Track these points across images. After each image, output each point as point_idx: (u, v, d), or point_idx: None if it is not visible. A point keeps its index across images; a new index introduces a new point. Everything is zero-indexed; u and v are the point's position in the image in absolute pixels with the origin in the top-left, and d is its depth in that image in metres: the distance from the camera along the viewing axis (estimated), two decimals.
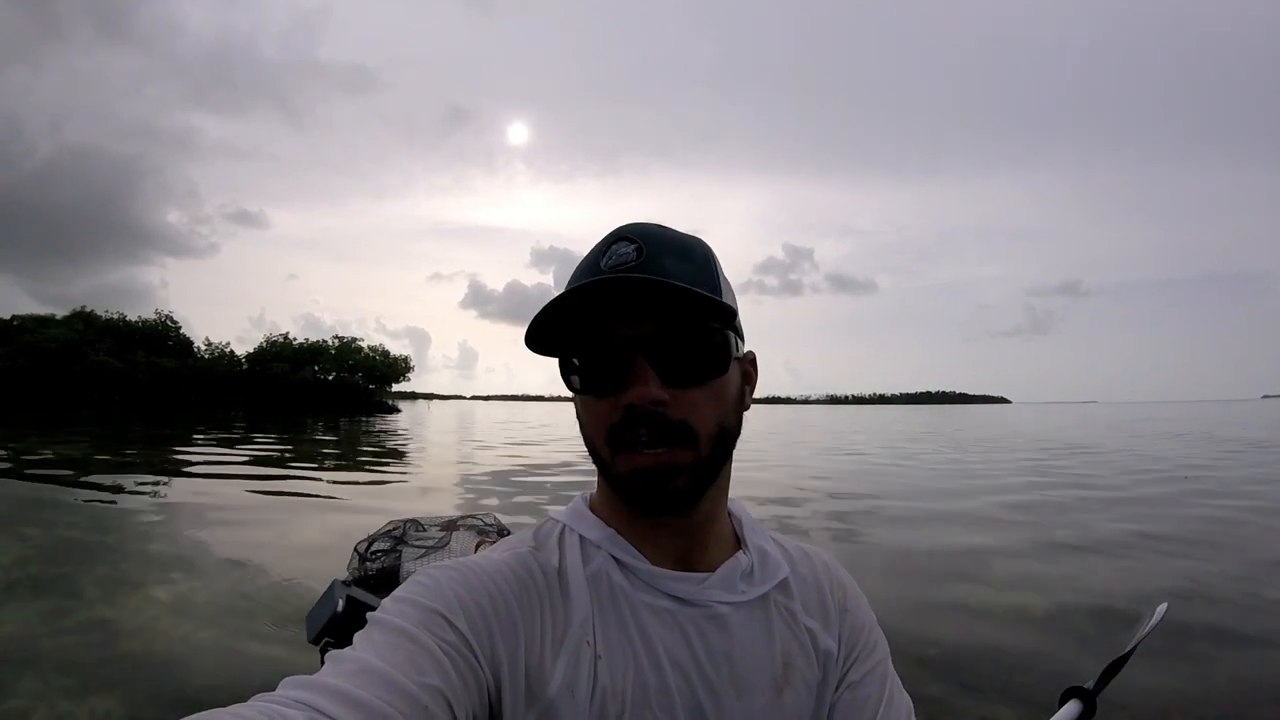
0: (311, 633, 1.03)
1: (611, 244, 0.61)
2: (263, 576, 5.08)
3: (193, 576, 5.05)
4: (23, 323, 57.37)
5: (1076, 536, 6.84)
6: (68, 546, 5.87)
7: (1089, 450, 18.83)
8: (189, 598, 4.54)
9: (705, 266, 0.63)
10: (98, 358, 54.01)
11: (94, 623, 4.00)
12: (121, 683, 3.19)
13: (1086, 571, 5.58)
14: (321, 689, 0.45)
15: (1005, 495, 9.84)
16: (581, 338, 0.61)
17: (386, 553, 1.05)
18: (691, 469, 0.59)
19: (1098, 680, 1.04)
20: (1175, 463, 14.86)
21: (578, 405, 0.65)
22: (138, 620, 4.07)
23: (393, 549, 1.06)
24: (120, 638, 3.78)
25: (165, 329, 64.94)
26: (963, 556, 6.04)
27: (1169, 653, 3.68)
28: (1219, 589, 5.06)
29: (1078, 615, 4.46)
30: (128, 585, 4.81)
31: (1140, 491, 10.26)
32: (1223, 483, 11.21)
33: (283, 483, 10.91)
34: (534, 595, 0.59)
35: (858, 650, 0.70)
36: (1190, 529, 7.27)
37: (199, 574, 5.14)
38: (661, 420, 0.58)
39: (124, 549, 5.93)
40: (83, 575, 4.97)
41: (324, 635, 1.01)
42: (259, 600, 4.55)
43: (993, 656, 3.74)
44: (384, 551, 1.05)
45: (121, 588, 4.74)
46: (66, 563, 5.31)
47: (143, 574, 5.13)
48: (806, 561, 0.73)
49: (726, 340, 0.62)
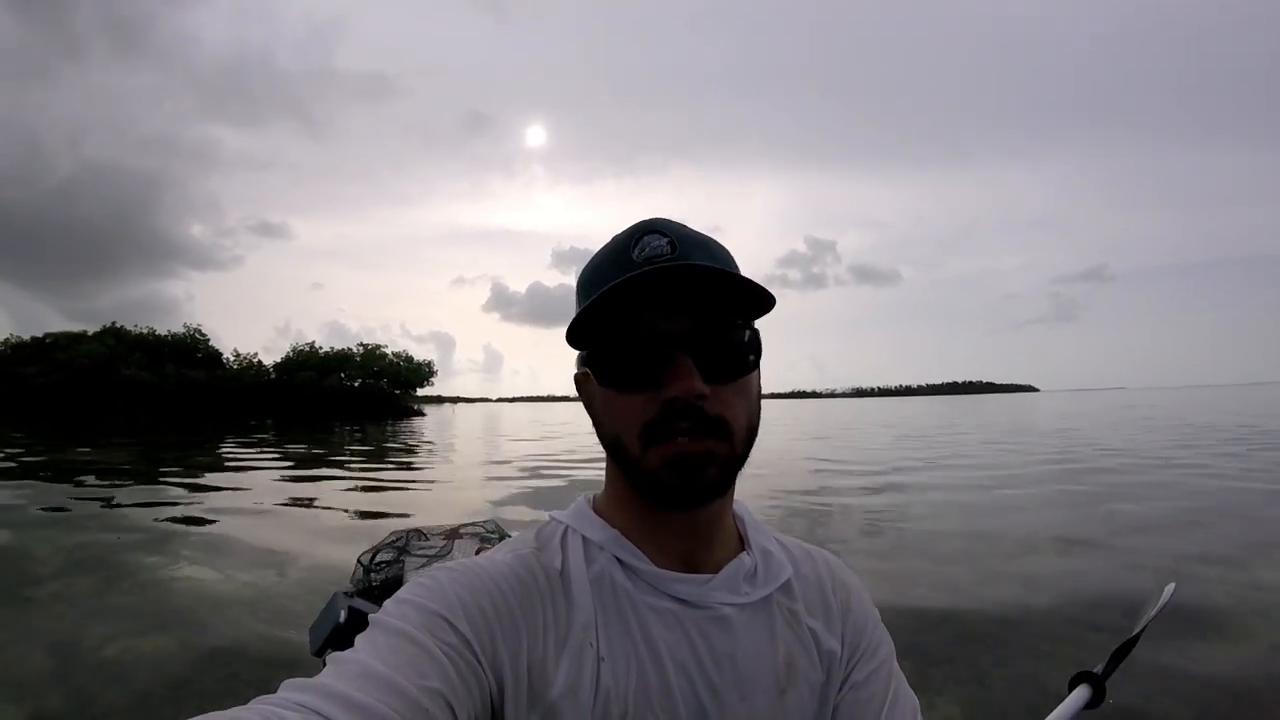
0: (314, 645, 1.03)
1: (641, 236, 0.61)
2: (286, 565, 5.69)
3: (226, 559, 5.82)
4: (56, 340, 59.11)
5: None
6: (117, 534, 6.95)
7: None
8: (224, 574, 5.36)
9: (731, 265, 0.63)
10: (129, 371, 55.43)
11: (147, 584, 5.09)
12: (173, 628, 4.10)
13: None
14: (322, 691, 0.45)
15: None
16: (618, 330, 0.60)
17: (390, 563, 1.05)
18: (724, 461, 0.59)
19: (1106, 664, 1.01)
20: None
21: (600, 399, 0.63)
22: (181, 588, 5.00)
23: (396, 559, 1.05)
24: (171, 596, 4.76)
25: (194, 342, 66.45)
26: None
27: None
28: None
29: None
30: (171, 564, 5.70)
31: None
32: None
33: (308, 485, 11.38)
34: (536, 597, 0.59)
35: (861, 650, 0.69)
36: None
37: (232, 557, 5.90)
38: (701, 414, 0.58)
39: (168, 537, 6.80)
40: (134, 554, 6.02)
41: (326, 647, 1.01)
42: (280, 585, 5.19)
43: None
44: (387, 562, 1.05)
45: (166, 566, 5.64)
46: (119, 546, 6.33)
47: (186, 556, 5.97)
48: (809, 562, 0.72)
49: (757, 337, 0.63)
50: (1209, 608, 4.21)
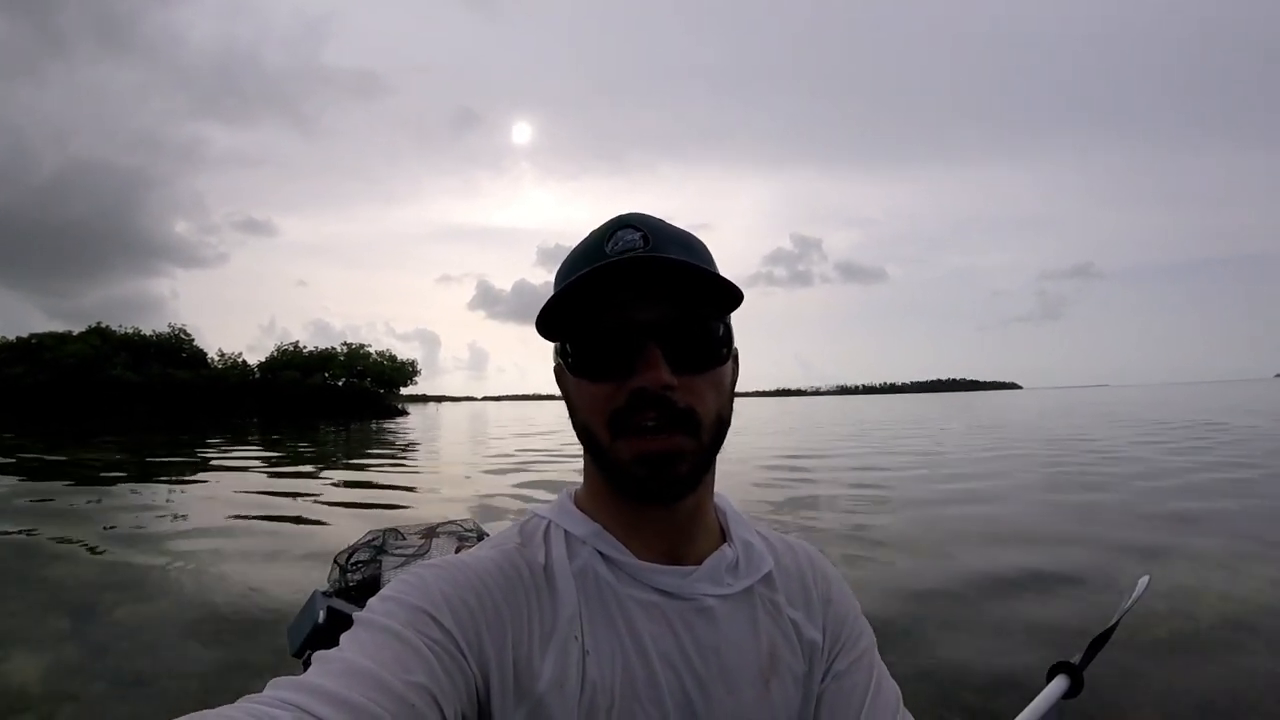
0: (294, 645, 1.03)
1: (615, 230, 0.61)
2: (265, 565, 5.69)
3: (204, 559, 6.00)
4: (41, 340, 58.21)
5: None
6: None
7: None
8: (203, 573, 5.52)
9: (708, 260, 0.63)
10: (115, 372, 54.71)
11: (128, 582, 5.26)
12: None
13: None
14: (309, 689, 0.45)
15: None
16: (589, 320, 0.60)
17: (367, 563, 1.05)
18: (693, 456, 0.59)
19: (1084, 655, 1.03)
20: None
21: (573, 388, 0.64)
22: (163, 589, 5.12)
23: (373, 559, 1.06)
24: (153, 597, 4.93)
25: (179, 341, 65.73)
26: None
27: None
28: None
29: None
30: (151, 563, 5.84)
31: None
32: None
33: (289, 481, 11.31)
34: (521, 592, 0.59)
35: (842, 640, 0.70)
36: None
37: (210, 557, 6.07)
38: (669, 405, 0.58)
39: (146, 538, 6.97)
40: (116, 550, 6.35)
41: (306, 648, 1.01)
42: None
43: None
44: (364, 562, 1.05)
45: (149, 565, 5.82)
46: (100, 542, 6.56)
47: (167, 556, 6.11)
48: (790, 554, 0.73)
49: (729, 330, 0.63)
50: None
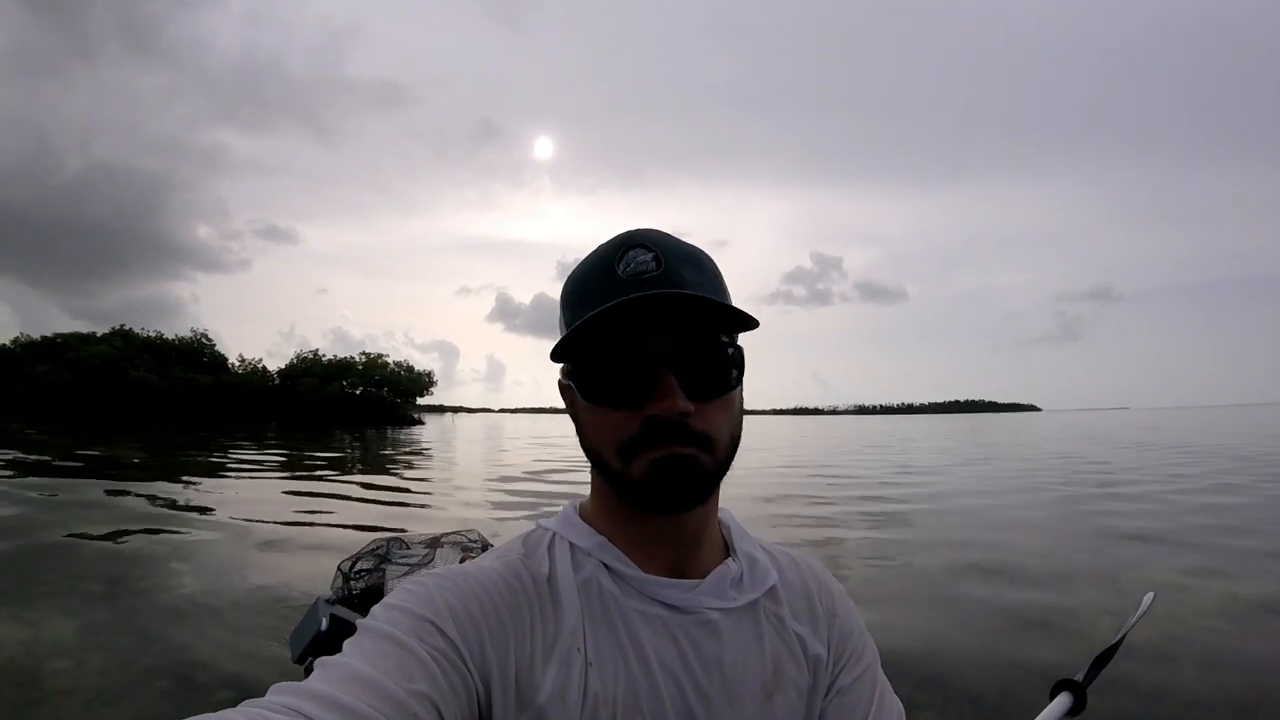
0: (295, 651, 1.03)
1: (626, 250, 0.61)
2: (271, 571, 5.79)
3: (212, 564, 6.05)
4: (65, 340, 59.60)
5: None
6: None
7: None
8: (210, 580, 5.53)
9: (717, 278, 0.64)
10: (137, 374, 55.75)
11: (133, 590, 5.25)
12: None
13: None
14: (310, 695, 0.46)
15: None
16: (603, 348, 0.60)
17: (370, 571, 1.05)
18: (708, 467, 0.60)
19: (1087, 672, 1.01)
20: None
21: (584, 413, 0.64)
22: (166, 593, 5.17)
23: (376, 567, 1.06)
24: (154, 602, 4.91)
25: (200, 346, 66.95)
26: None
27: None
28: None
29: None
30: (159, 568, 5.85)
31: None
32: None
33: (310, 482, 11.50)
34: (524, 603, 0.59)
35: (847, 655, 0.69)
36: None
37: (218, 562, 6.13)
38: (685, 430, 0.58)
39: (155, 541, 7.00)
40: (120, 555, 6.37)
41: (308, 655, 1.01)
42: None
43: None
44: (368, 570, 1.05)
45: (153, 570, 5.80)
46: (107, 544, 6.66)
47: (173, 560, 6.17)
48: (794, 568, 0.73)
49: (741, 354, 0.63)
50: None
